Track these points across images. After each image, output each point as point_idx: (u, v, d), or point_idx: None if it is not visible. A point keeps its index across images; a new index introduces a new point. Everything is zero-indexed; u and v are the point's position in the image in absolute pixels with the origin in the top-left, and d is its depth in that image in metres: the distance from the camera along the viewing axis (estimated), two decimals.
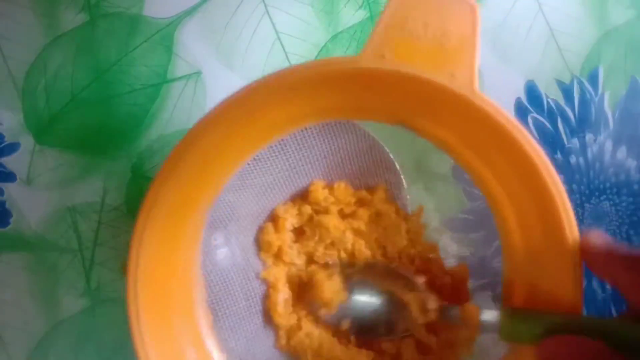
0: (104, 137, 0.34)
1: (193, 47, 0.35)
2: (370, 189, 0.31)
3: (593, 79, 0.36)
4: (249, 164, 0.27)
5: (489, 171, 0.24)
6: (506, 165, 0.23)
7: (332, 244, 0.30)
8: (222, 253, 0.28)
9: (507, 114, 0.22)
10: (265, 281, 0.30)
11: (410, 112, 0.24)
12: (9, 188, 0.34)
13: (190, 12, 0.35)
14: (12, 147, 0.34)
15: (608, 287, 0.36)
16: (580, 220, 0.36)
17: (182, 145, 0.23)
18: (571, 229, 0.22)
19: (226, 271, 0.28)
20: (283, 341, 0.29)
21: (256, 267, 0.30)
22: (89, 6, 0.34)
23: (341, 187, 0.30)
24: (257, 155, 0.27)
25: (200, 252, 0.27)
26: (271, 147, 0.27)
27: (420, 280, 0.28)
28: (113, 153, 0.34)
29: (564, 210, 0.22)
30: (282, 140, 0.27)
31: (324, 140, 0.29)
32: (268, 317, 0.30)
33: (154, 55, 0.34)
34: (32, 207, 0.34)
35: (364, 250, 0.30)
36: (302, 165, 0.30)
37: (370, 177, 0.31)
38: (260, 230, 0.30)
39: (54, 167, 0.34)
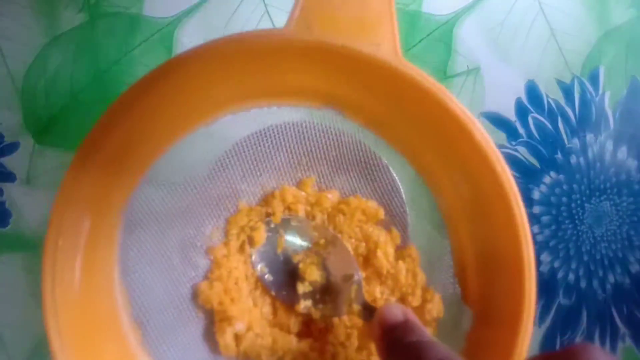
0: None
1: (191, 46, 0.34)
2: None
3: (594, 78, 0.36)
4: (163, 158, 0.24)
5: (419, 139, 0.25)
6: (436, 129, 0.24)
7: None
8: (141, 258, 0.25)
9: (432, 79, 0.22)
10: (213, 260, 0.27)
11: (339, 88, 0.24)
12: (9, 188, 0.34)
13: (189, 11, 0.34)
14: (12, 147, 0.34)
15: (608, 287, 0.36)
16: (581, 220, 0.36)
17: (89, 138, 0.21)
18: (509, 182, 0.22)
19: (148, 279, 0.25)
20: (231, 347, 0.26)
21: (183, 270, 0.27)
22: (89, 6, 0.34)
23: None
24: (174, 148, 0.24)
25: (119, 259, 0.24)
26: (190, 138, 0.25)
27: (362, 274, 0.27)
28: None
29: (499, 164, 0.22)
30: (205, 130, 0.25)
31: (250, 130, 0.26)
32: (209, 320, 0.27)
33: (154, 55, 0.34)
34: (31, 207, 0.34)
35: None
36: (223, 156, 0.27)
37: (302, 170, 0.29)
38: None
39: (54, 167, 0.34)
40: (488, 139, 0.23)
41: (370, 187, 0.29)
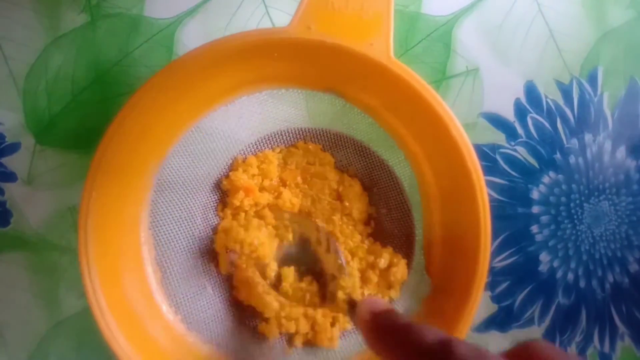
0: None
1: (192, 47, 0.35)
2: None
3: (592, 79, 0.36)
4: (192, 131, 0.28)
5: (407, 131, 0.27)
6: (421, 124, 0.26)
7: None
8: (169, 214, 0.29)
9: (419, 78, 0.24)
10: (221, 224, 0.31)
11: (338, 80, 0.27)
12: (10, 188, 0.34)
13: (190, 12, 0.35)
14: (13, 147, 0.34)
15: (607, 286, 0.36)
16: (580, 220, 0.36)
17: (125, 109, 0.25)
18: (476, 171, 0.25)
19: (173, 231, 0.30)
20: (242, 294, 0.31)
21: (203, 228, 0.31)
22: (90, 7, 0.34)
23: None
24: (199, 124, 0.28)
25: (149, 213, 0.28)
26: (213, 115, 0.28)
27: (347, 266, 0.29)
28: None
29: (469, 156, 0.25)
30: (225, 108, 0.28)
31: (263, 108, 0.30)
32: (222, 278, 0.31)
33: (155, 56, 0.34)
34: (32, 207, 0.34)
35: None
36: (242, 133, 0.31)
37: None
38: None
39: (55, 167, 0.34)
40: (462, 133, 0.25)
41: (361, 163, 0.32)
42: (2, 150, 0.34)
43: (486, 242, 0.25)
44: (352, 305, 0.26)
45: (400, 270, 0.29)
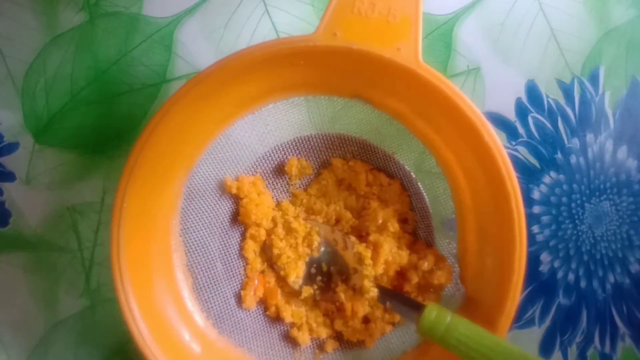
0: (104, 136, 0.34)
1: (191, 46, 0.35)
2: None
3: (594, 78, 0.36)
4: (219, 139, 0.28)
5: (438, 137, 0.27)
6: (452, 130, 0.25)
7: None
8: (198, 221, 0.30)
9: (449, 82, 0.24)
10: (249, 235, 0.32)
11: (365, 86, 0.26)
12: (8, 188, 0.34)
13: (189, 11, 0.34)
14: (12, 147, 0.34)
15: (608, 287, 0.36)
16: (581, 220, 0.36)
17: (156, 118, 0.24)
18: (510, 178, 0.24)
19: (204, 238, 0.30)
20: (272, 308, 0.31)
21: (232, 234, 0.32)
22: (89, 6, 0.34)
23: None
24: (227, 132, 0.28)
25: (179, 220, 0.28)
26: (240, 123, 0.28)
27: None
28: (112, 153, 0.34)
29: (503, 163, 0.24)
30: (252, 117, 0.28)
31: (290, 115, 0.30)
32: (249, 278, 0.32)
33: (154, 55, 0.34)
34: (31, 207, 0.34)
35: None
36: (268, 139, 0.31)
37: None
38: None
39: (54, 167, 0.34)
40: (495, 139, 0.24)
41: (392, 168, 0.32)
42: (1, 149, 0.34)
43: (521, 252, 0.24)
44: (381, 292, 0.28)
45: (445, 274, 0.29)
